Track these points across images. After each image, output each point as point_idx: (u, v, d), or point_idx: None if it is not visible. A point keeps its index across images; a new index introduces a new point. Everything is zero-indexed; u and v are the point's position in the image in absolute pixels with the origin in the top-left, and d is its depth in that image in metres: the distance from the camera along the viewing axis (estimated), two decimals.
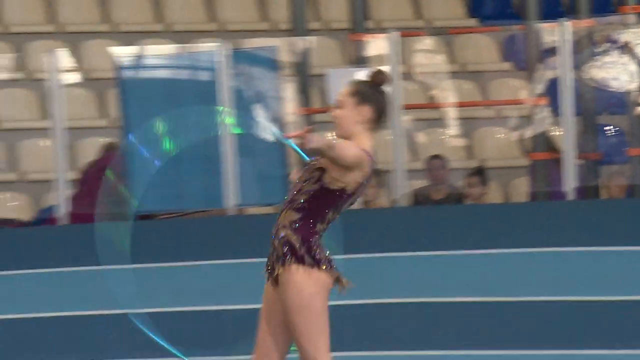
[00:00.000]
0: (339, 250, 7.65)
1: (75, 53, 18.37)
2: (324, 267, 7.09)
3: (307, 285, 7.05)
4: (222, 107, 13.57)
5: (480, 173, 15.73)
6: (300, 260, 7.00)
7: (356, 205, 15.14)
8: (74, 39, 19.03)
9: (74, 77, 16.65)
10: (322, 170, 7.18)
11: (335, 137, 7.39)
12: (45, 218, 15.58)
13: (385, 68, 13.82)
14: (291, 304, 7.04)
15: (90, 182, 14.71)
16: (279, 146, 14.55)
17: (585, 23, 14.83)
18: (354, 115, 7.24)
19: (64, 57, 15.97)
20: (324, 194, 7.18)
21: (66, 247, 13.95)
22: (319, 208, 7.19)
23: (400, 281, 13.35)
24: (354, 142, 7.21)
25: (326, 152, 7.04)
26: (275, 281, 7.13)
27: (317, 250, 7.13)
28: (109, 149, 15.49)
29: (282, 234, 7.13)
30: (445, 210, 14.95)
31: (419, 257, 13.42)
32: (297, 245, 7.00)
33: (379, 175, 14.09)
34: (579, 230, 13.27)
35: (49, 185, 15.04)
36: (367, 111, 7.23)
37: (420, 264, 13.43)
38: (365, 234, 13.26)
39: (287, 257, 7.04)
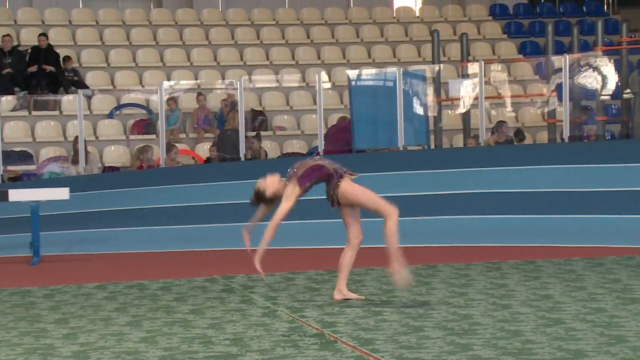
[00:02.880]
0: None
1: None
2: None
3: None
4: None
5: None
6: None
7: None
8: None
9: None
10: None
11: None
12: (312, 152, 15.82)
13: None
14: None
15: (331, 135, 15.96)
16: (425, 117, 15.70)
17: (575, 56, 15.95)
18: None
19: None
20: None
21: None
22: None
23: None
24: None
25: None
26: None
27: None
28: (344, 119, 16.56)
29: None
30: None
31: None
32: None
33: None
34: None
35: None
36: None
37: None
38: None
39: None
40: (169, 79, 19.17)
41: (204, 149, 17.47)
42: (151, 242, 13.90)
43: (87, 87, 19.11)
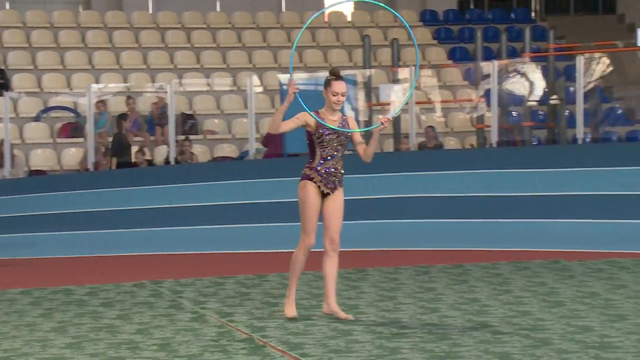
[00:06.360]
0: None
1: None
2: None
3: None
4: None
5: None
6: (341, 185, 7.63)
7: None
8: None
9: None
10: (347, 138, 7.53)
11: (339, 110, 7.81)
12: (243, 156, 16.05)
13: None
14: (341, 203, 7.57)
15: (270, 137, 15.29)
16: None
17: (504, 62, 16.26)
18: None
19: None
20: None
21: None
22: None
23: None
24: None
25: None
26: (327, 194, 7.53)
27: None
28: None
29: (341, 172, 7.62)
30: None
31: None
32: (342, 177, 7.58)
33: None
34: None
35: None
36: None
37: None
38: None
39: (340, 182, 7.64)
40: (97, 82, 19.04)
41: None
42: (79, 247, 13.77)
43: (13, 90, 19.07)
